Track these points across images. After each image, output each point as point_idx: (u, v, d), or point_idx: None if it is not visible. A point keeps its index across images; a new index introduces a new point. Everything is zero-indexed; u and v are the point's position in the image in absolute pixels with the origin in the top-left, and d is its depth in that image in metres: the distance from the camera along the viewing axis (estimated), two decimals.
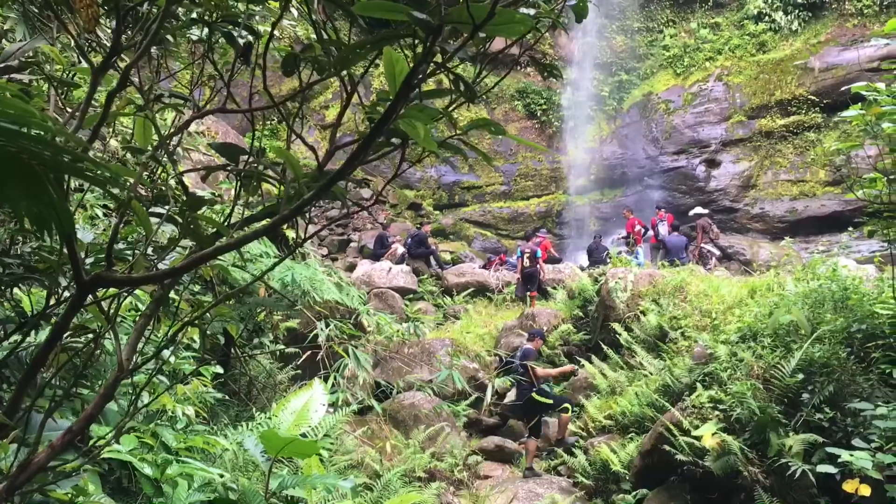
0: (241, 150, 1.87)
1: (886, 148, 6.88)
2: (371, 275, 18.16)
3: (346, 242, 25.08)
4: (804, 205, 23.65)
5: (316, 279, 7.44)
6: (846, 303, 8.40)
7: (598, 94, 28.00)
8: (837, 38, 23.89)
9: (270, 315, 9.89)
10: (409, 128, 1.48)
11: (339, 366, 7.33)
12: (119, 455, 3.81)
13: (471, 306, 17.46)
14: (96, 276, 1.51)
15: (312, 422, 4.64)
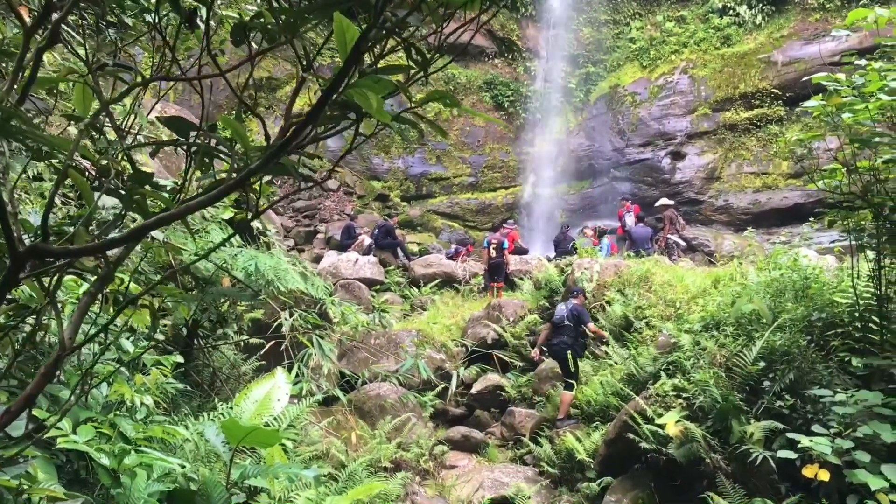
0: (191, 124, 1.81)
1: (846, 139, 6.97)
2: (338, 266, 18.06)
3: (312, 234, 24.93)
4: (767, 197, 23.96)
5: (280, 268, 7.36)
6: (806, 292, 8.52)
7: (566, 86, 28.09)
8: (800, 33, 24.20)
9: (234, 305, 9.79)
10: (361, 98, 1.43)
11: (304, 356, 7.27)
12: (75, 445, 3.73)
13: (438, 297, 17.45)
14: (32, 247, 1.45)
15: (275, 411, 4.58)
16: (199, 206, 1.54)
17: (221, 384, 8.37)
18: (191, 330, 8.53)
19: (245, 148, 1.55)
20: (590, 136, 27.64)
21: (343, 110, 1.51)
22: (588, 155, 27.62)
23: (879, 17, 6.16)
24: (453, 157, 28.06)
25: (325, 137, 1.71)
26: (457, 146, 28.06)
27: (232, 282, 8.08)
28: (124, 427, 4.24)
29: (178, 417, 5.36)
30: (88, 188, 1.66)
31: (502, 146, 28.27)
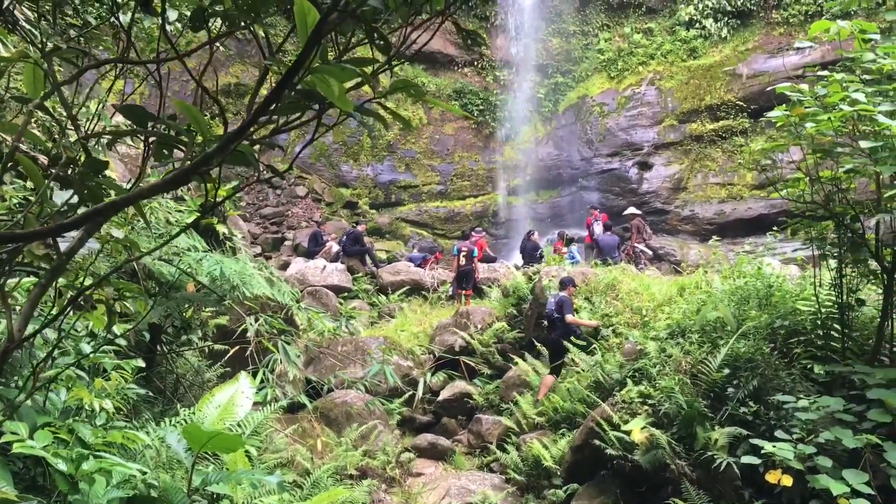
0: (149, 114, 1.77)
1: (809, 149, 7.08)
2: (305, 273, 17.94)
3: (280, 241, 24.77)
4: (732, 207, 24.28)
5: (246, 273, 7.27)
6: (770, 300, 8.64)
7: (535, 96, 28.25)
8: (764, 46, 24.62)
9: (199, 311, 9.65)
10: (322, 85, 1.40)
11: (269, 361, 7.19)
12: (32, 450, 3.63)
13: (406, 305, 17.40)
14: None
15: (238, 416, 4.51)
16: (153, 191, 1.50)
17: (185, 391, 8.25)
18: (154, 335, 8.40)
19: (203, 135, 1.51)
20: (558, 146, 27.81)
21: (306, 99, 1.48)
22: (557, 164, 27.78)
23: (841, 29, 6.27)
24: (422, 165, 28.06)
25: (287, 129, 1.67)
26: (426, 154, 28.07)
27: (196, 287, 7.97)
28: (83, 432, 4.15)
29: (139, 423, 5.26)
30: (39, 174, 1.62)
31: (471, 155, 28.33)
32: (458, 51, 28.76)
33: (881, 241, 7.18)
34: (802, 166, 7.23)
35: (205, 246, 8.35)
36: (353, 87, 1.53)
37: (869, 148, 5.77)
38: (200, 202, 11.47)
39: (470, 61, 28.81)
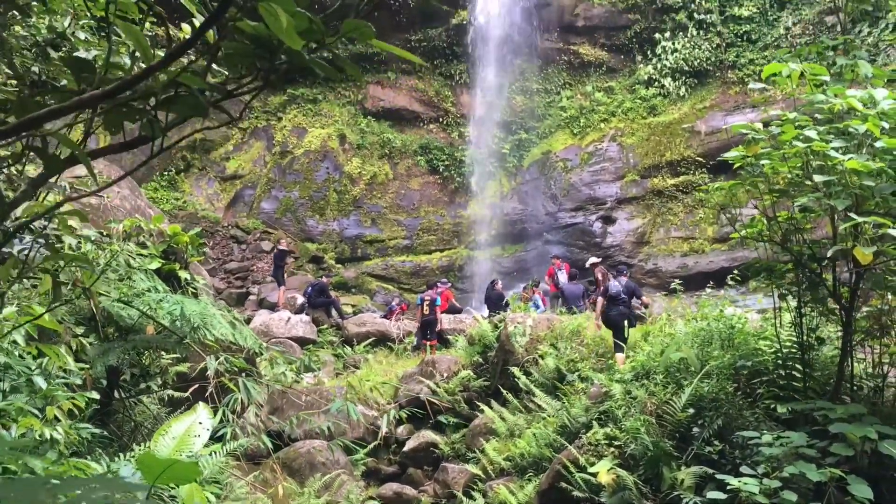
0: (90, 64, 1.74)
1: (766, 190, 7.25)
2: (269, 325, 17.75)
3: (244, 296, 24.50)
4: (694, 261, 24.62)
5: (207, 314, 7.17)
6: (732, 341, 8.72)
7: (499, 152, 28.64)
8: (721, 104, 25.36)
9: (159, 358, 9.47)
10: (269, 16, 1.39)
11: (230, 400, 7.05)
12: None
13: (371, 356, 17.24)
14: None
15: (196, 447, 4.39)
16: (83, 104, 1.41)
17: (144, 438, 8.03)
18: (111, 379, 8.21)
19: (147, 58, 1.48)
20: (523, 201, 28.12)
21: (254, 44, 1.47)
22: (522, 219, 28.04)
23: (793, 72, 6.49)
24: (388, 220, 28.15)
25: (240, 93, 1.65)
26: (392, 209, 28.20)
27: (156, 329, 7.84)
28: (33, 463, 4.02)
29: (92, 458, 5.11)
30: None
31: (437, 209, 28.51)
32: (424, 107, 29.19)
33: (838, 279, 7.33)
34: (760, 206, 7.38)
35: (165, 287, 8.24)
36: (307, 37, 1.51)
37: (823, 182, 5.92)
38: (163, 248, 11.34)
39: (435, 118, 29.23)
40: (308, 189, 27.94)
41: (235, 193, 28.13)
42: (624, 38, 28.12)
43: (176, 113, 1.58)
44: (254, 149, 28.75)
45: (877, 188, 5.94)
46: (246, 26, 1.43)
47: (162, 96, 1.46)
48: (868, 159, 5.85)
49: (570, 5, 28.16)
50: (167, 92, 1.42)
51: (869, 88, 6.37)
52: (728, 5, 26.65)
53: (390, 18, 27.54)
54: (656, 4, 27.10)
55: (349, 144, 28.34)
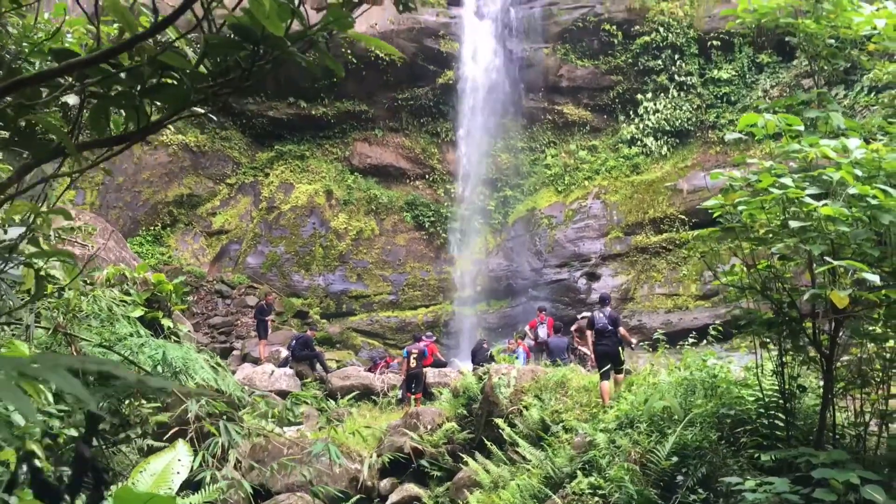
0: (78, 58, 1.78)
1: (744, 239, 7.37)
2: (252, 378, 17.60)
3: (228, 351, 24.31)
4: (678, 317, 24.71)
5: (190, 358, 7.15)
6: (716, 390, 8.75)
7: (485, 208, 28.93)
8: (702, 163, 25.83)
9: (139, 407, 9.36)
10: (254, 3, 1.45)
11: (210, 444, 6.97)
12: None
13: (355, 409, 17.08)
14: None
15: (174, 483, 4.36)
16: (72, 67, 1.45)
17: None
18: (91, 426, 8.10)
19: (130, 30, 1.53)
20: (508, 257, 28.28)
21: (238, 34, 1.53)
22: (507, 275, 28.16)
23: (768, 122, 6.68)
24: (374, 276, 28.21)
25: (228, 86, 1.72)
26: (377, 264, 28.28)
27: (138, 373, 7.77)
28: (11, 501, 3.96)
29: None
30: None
31: (423, 265, 28.61)
32: (411, 164, 29.55)
33: (819, 327, 7.41)
34: (740, 254, 7.50)
35: (148, 333, 8.22)
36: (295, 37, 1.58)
37: (799, 228, 6.04)
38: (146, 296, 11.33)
39: (422, 174, 29.56)
40: (294, 244, 28.03)
41: (221, 248, 28.15)
42: (607, 99, 28.76)
43: (161, 101, 1.64)
44: (241, 204, 28.89)
45: (852, 234, 6.07)
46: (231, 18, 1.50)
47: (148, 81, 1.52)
48: (843, 206, 5.99)
49: (554, 66, 28.81)
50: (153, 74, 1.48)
51: (842, 139, 6.56)
52: (707, 68, 27.39)
53: (378, 77, 28.06)
54: (638, 66, 27.79)
55: (336, 200, 28.55)
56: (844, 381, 7.54)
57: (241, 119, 29.14)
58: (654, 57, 27.47)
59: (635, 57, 27.79)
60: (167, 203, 27.68)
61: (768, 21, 7.95)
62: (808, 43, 8.09)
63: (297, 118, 28.98)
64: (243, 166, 29.30)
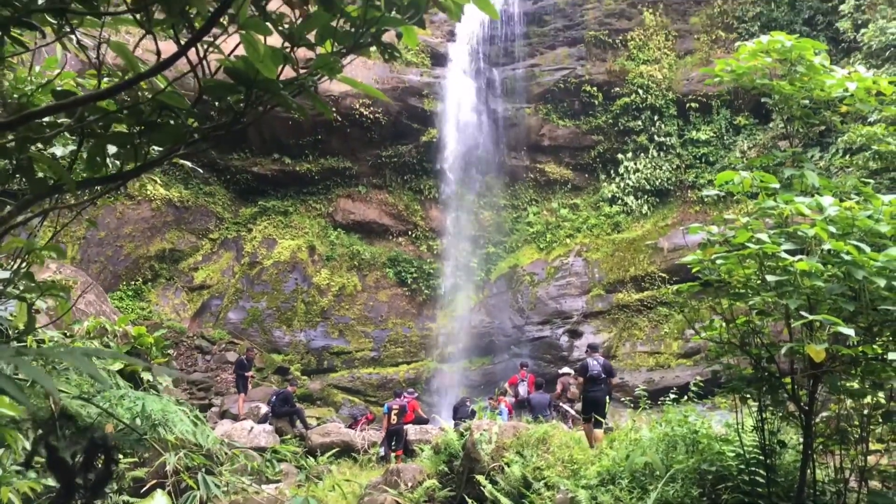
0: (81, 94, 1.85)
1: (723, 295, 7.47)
2: (231, 434, 17.33)
3: (207, 407, 23.98)
4: (660, 375, 24.72)
5: (169, 411, 7.08)
6: (697, 446, 8.73)
7: (468, 265, 29.04)
8: (682, 222, 26.13)
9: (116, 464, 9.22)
10: (248, 45, 1.53)
11: (189, 498, 6.85)
12: None
13: (335, 467, 16.84)
14: None
15: None
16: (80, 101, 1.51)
17: None
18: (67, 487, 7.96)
19: (133, 68, 1.60)
20: (491, 314, 28.30)
21: (233, 78, 1.60)
22: (489, 332, 28.14)
23: (744, 179, 6.84)
24: (356, 332, 28.09)
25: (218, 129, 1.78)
26: (360, 320, 28.19)
27: (116, 427, 7.69)
28: None
29: None
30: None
31: (405, 321, 28.55)
32: (394, 221, 29.72)
33: (797, 382, 7.46)
34: (719, 309, 7.58)
35: (128, 385, 8.14)
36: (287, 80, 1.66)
37: (776, 282, 6.14)
38: (127, 350, 11.23)
39: (405, 231, 29.71)
40: (276, 300, 27.94)
41: (202, 303, 28.00)
42: (588, 158, 29.23)
43: (159, 140, 1.70)
44: (223, 259, 28.85)
45: (827, 289, 6.18)
46: (226, 62, 1.57)
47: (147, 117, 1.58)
48: (818, 261, 6.11)
49: (536, 126, 29.32)
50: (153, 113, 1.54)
51: (816, 197, 6.72)
52: (686, 129, 27.97)
53: (362, 134, 28.40)
54: (618, 127, 28.34)
55: (319, 256, 28.59)
56: (824, 436, 7.57)
57: (225, 174, 29.28)
58: (634, 118, 28.05)
59: (615, 117, 28.37)
60: (149, 258, 27.59)
61: (744, 82, 8.20)
62: (784, 104, 8.33)
63: (282, 174, 29.19)
64: (226, 221, 29.35)
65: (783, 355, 6.77)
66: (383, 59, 2.88)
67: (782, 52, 7.71)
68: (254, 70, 1.51)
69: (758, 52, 7.84)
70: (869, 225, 6.21)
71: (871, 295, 6.10)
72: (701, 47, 28.48)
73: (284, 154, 28.79)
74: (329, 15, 1.71)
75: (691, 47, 28.77)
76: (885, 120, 14.42)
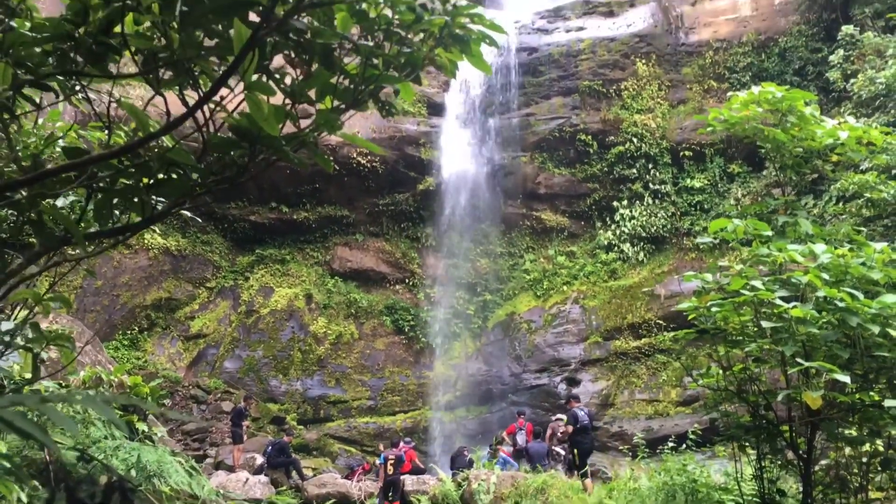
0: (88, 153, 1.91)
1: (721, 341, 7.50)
2: (226, 486, 17.11)
3: (201, 458, 23.69)
4: (659, 424, 24.52)
5: (165, 462, 7.04)
6: (696, 494, 8.67)
7: (464, 313, 29.00)
8: (679, 269, 26.17)
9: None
10: (252, 104, 1.59)
11: None
12: None
13: None
14: None
15: None
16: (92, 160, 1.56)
17: None
18: None
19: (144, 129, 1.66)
20: (488, 362, 28.18)
21: (237, 135, 1.66)
22: (487, 380, 27.98)
23: (737, 226, 6.93)
24: (352, 380, 27.92)
25: (222, 182, 1.84)
26: (356, 369, 28.05)
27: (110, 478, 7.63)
28: None
29: None
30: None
31: (402, 370, 28.40)
32: (391, 268, 29.77)
33: (795, 430, 7.45)
34: (715, 356, 7.61)
35: (122, 433, 8.08)
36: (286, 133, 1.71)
37: (770, 329, 6.18)
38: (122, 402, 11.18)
39: (402, 278, 29.74)
40: (272, 348, 27.82)
41: (198, 352, 27.86)
42: (584, 206, 29.39)
43: (166, 194, 1.75)
44: (220, 308, 28.79)
45: (822, 336, 6.21)
46: (230, 119, 1.63)
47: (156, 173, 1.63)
48: (813, 308, 6.16)
49: (532, 174, 29.57)
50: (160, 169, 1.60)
51: (809, 244, 6.80)
52: (681, 177, 28.21)
53: (359, 183, 28.61)
54: (613, 175, 28.59)
55: (316, 304, 28.56)
56: (824, 485, 7.53)
57: (223, 223, 29.40)
58: (629, 166, 28.31)
59: (610, 166, 28.63)
60: (145, 307, 27.53)
61: (737, 131, 8.35)
62: (776, 153, 8.47)
63: (279, 223, 29.32)
64: (223, 270, 29.37)
65: (780, 402, 6.78)
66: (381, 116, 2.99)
67: (773, 103, 7.86)
68: (257, 127, 1.57)
69: (749, 102, 8.00)
70: (862, 272, 6.28)
71: (865, 342, 6.14)
72: (693, 97, 28.89)
73: (282, 202, 28.96)
74: (329, 73, 1.78)
75: (684, 97, 29.17)
76: (877, 167, 14.61)
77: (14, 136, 2.96)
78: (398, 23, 1.93)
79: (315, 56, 1.77)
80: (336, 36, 1.71)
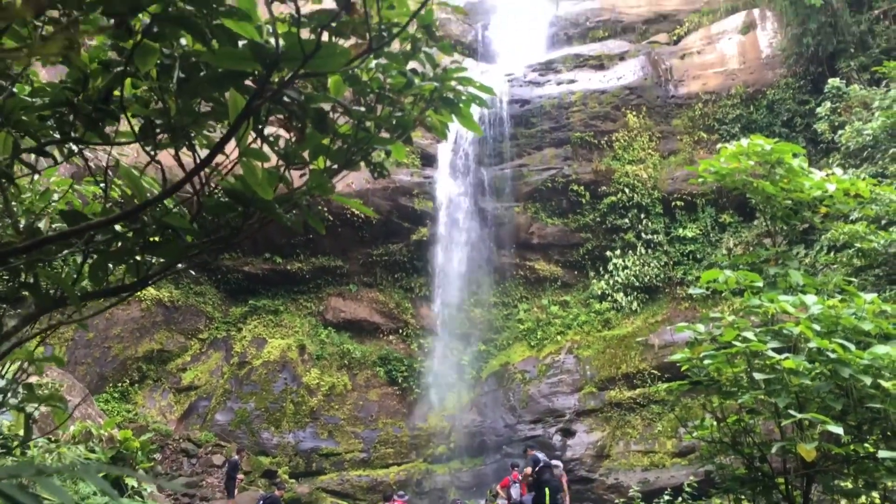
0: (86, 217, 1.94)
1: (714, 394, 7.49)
2: None
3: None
4: (655, 475, 24.26)
5: None
6: None
7: (458, 363, 28.87)
8: (672, 319, 26.20)
9: None
10: (248, 171, 1.63)
11: None
12: None
13: None
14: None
15: None
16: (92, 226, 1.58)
17: None
18: None
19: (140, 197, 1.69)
20: (482, 412, 27.95)
21: (232, 198, 1.69)
22: (481, 431, 27.72)
23: (728, 277, 6.98)
24: (345, 432, 27.63)
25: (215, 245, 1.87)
26: (349, 420, 27.78)
27: None
28: None
29: None
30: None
31: (395, 421, 28.14)
32: (384, 319, 29.70)
33: (790, 482, 7.40)
34: (709, 407, 7.59)
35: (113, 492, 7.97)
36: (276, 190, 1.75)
37: (763, 380, 6.19)
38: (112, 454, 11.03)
39: (395, 329, 29.66)
40: (265, 400, 27.56)
41: (190, 405, 27.58)
42: (577, 255, 29.53)
43: (161, 256, 1.78)
44: (212, 359, 28.60)
45: (815, 387, 6.22)
46: (225, 182, 1.67)
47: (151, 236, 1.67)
48: (805, 360, 6.18)
49: (525, 224, 29.75)
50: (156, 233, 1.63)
51: (799, 295, 6.84)
52: (673, 227, 28.43)
53: (353, 234, 28.72)
54: (606, 225, 28.79)
55: (308, 355, 28.40)
56: None
57: (216, 274, 29.39)
58: (621, 216, 28.54)
59: (603, 216, 28.85)
60: (137, 359, 27.34)
61: (727, 183, 8.46)
62: (766, 204, 8.57)
63: (272, 273, 29.32)
64: (216, 321, 29.26)
65: (775, 454, 6.75)
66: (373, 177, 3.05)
67: (762, 155, 7.99)
68: (251, 191, 1.61)
69: (739, 154, 8.13)
70: (853, 323, 6.31)
71: (858, 393, 6.14)
72: (684, 147, 29.28)
73: (275, 253, 29.01)
74: (322, 135, 1.82)
75: (675, 147, 29.56)
76: (867, 218, 14.76)
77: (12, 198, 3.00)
78: (389, 87, 1.99)
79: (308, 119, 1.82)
80: (329, 100, 1.76)
